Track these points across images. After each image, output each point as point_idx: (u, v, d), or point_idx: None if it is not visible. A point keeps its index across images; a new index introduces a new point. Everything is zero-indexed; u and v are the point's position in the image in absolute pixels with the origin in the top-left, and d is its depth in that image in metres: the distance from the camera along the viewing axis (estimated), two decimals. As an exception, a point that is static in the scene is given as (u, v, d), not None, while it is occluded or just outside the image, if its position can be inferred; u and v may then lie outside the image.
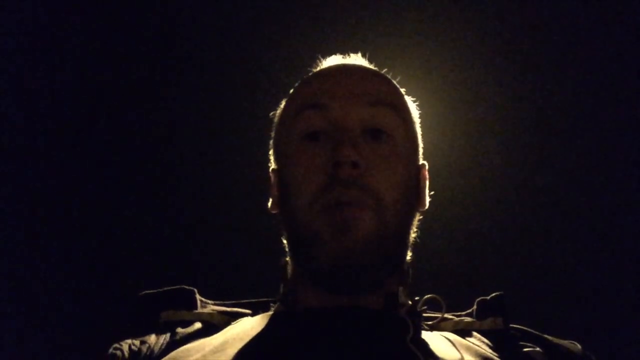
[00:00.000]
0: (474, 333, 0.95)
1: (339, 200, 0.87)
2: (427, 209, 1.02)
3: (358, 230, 0.87)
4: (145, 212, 1.62)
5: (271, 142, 1.05)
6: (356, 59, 1.05)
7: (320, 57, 1.06)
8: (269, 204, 1.03)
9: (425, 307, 0.98)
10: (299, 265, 0.96)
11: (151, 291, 0.99)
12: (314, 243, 0.89)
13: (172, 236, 1.61)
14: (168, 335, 0.92)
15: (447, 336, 0.91)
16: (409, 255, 0.98)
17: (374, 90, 0.96)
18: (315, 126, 0.93)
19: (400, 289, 0.93)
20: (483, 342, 0.92)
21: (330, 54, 1.07)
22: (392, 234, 0.91)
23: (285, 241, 0.99)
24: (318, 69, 1.04)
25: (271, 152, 1.05)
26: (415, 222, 0.99)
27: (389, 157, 0.93)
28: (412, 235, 0.98)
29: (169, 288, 0.99)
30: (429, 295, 0.96)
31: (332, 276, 0.88)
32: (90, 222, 1.61)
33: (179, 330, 0.93)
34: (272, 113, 1.06)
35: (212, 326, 0.94)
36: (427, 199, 1.03)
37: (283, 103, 1.04)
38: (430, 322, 0.98)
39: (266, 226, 1.05)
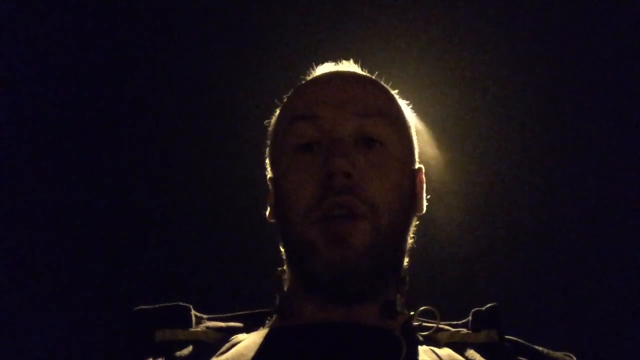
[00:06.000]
0: (469, 348, 0.94)
1: (333, 210, 0.88)
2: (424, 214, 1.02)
3: (353, 242, 0.87)
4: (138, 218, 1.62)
5: (267, 150, 1.06)
6: (348, 66, 1.05)
7: (312, 64, 1.06)
8: (267, 213, 1.04)
9: (420, 323, 0.98)
10: (295, 274, 0.96)
11: (146, 307, 0.99)
12: (310, 253, 0.89)
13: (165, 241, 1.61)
14: None
15: (440, 354, 0.91)
16: (405, 261, 0.98)
17: (365, 98, 0.96)
18: (308, 137, 0.94)
19: (398, 296, 0.93)
20: (477, 358, 0.92)
21: (323, 60, 1.07)
22: (388, 241, 0.91)
23: (282, 250, 0.99)
24: (310, 77, 1.04)
25: (267, 161, 1.06)
26: (412, 227, 0.99)
27: (382, 164, 0.93)
28: (410, 240, 0.98)
29: (165, 305, 0.99)
30: (423, 307, 0.97)
31: (328, 285, 0.89)
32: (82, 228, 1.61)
33: (174, 354, 0.92)
34: (266, 122, 1.07)
35: (207, 346, 0.94)
36: (425, 203, 1.03)
37: (277, 112, 1.04)
38: (425, 333, 0.97)
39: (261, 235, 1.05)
